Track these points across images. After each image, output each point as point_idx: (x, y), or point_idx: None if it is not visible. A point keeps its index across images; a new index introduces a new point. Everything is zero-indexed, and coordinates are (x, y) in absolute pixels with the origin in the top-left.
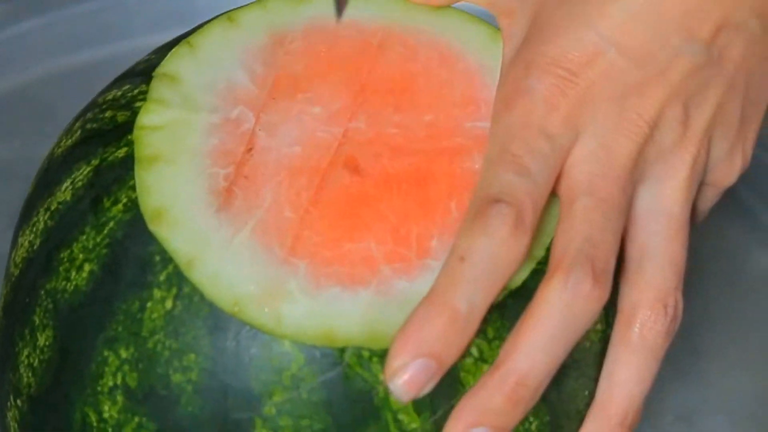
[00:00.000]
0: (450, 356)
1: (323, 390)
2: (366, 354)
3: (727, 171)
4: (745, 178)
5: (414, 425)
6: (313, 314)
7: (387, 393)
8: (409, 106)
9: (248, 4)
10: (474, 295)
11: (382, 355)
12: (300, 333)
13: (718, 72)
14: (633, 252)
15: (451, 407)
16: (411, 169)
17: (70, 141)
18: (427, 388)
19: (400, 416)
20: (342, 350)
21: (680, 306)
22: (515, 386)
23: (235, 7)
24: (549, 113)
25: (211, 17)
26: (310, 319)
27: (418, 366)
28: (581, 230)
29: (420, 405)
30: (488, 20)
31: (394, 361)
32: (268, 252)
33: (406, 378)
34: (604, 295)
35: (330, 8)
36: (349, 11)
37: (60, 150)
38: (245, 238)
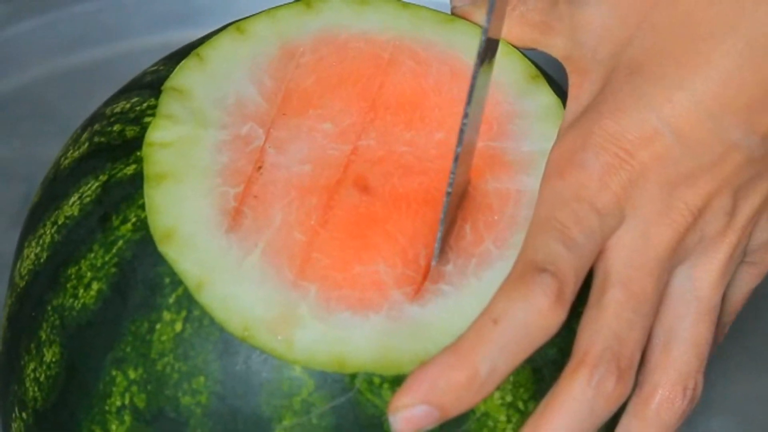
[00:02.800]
0: (456, 411)
1: (333, 415)
2: (377, 380)
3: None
4: None
5: None
6: (324, 339)
7: None
8: (420, 123)
9: (257, 13)
10: (498, 360)
11: (393, 381)
12: (311, 358)
13: None
14: (660, 331)
15: None
16: (421, 188)
17: (77, 153)
18: (423, 430)
19: None
20: (353, 376)
21: (699, 388)
22: None
23: (233, 7)
24: (601, 190)
25: (210, 17)
26: (321, 345)
27: (422, 411)
28: (610, 325)
29: (430, 431)
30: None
31: (403, 398)
32: (278, 275)
33: (407, 416)
34: (626, 392)
35: (340, 18)
36: (358, 22)
37: (67, 161)
38: (255, 261)
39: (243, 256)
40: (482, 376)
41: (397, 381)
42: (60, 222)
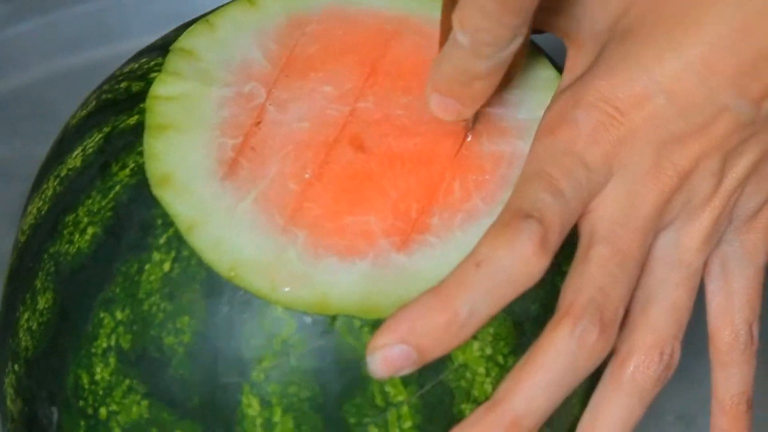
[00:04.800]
0: (435, 353)
1: (313, 357)
2: (357, 323)
3: (753, 232)
4: None
5: (400, 398)
6: (308, 282)
7: None
8: (418, 89)
9: None
10: (479, 303)
11: (374, 325)
12: (294, 300)
13: (762, 130)
14: (640, 295)
15: (439, 382)
16: (416, 149)
17: (84, 111)
18: (401, 373)
19: (387, 388)
20: (334, 318)
21: (676, 355)
22: (511, 425)
23: None
24: (590, 146)
25: None
26: (305, 287)
27: (401, 350)
28: (595, 279)
29: (407, 378)
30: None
31: (381, 338)
32: (268, 221)
33: (385, 357)
34: (608, 346)
35: None
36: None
37: (74, 121)
38: (247, 207)
39: (236, 202)
40: (462, 318)
41: (377, 325)
42: (63, 174)
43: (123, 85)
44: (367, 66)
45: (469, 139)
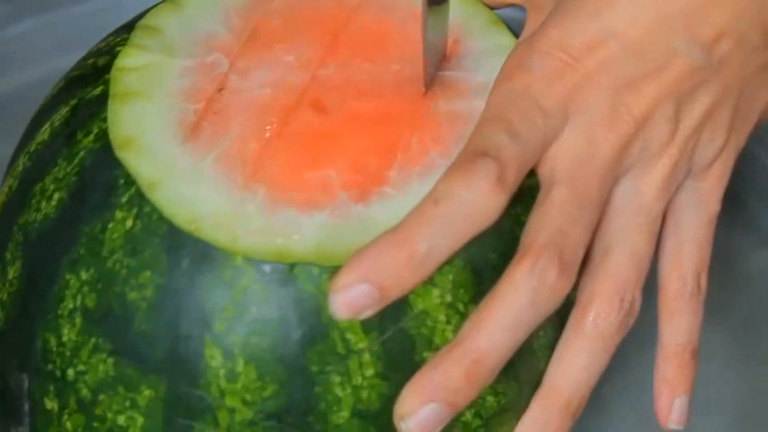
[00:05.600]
0: (396, 291)
1: (273, 306)
2: (316, 270)
3: (708, 181)
4: (743, 177)
5: (361, 345)
6: (267, 232)
7: None
8: (380, 56)
9: None
10: (438, 240)
11: (333, 272)
12: (253, 249)
13: (714, 76)
14: (600, 243)
15: (399, 329)
16: (375, 110)
17: (54, 91)
18: (364, 315)
19: (348, 335)
20: (292, 266)
21: (637, 303)
22: (474, 364)
23: None
24: (545, 90)
25: None
26: (264, 237)
27: (362, 290)
28: (555, 220)
29: (367, 325)
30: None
31: (341, 278)
32: (229, 177)
33: (346, 297)
34: (568, 286)
35: None
36: None
37: (45, 101)
38: (209, 165)
39: (197, 161)
40: (421, 254)
41: (336, 272)
42: (32, 150)
43: (90, 61)
44: (329, 36)
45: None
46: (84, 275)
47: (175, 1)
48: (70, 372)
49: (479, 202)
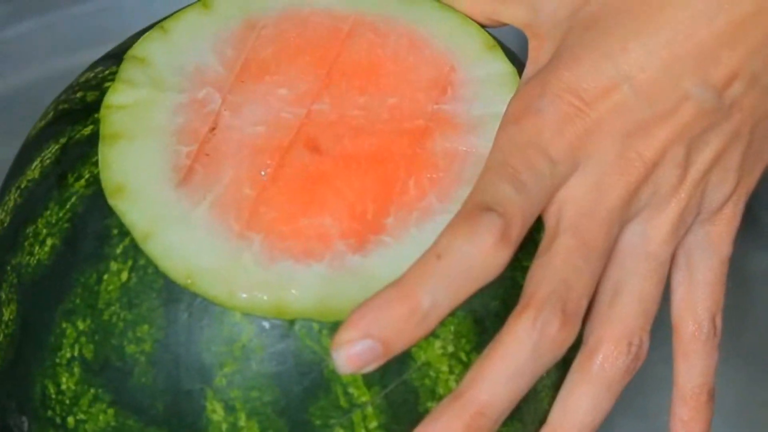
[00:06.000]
0: (399, 346)
1: (273, 362)
2: (316, 326)
3: (719, 223)
4: None
5: (364, 399)
6: (264, 286)
7: None
8: (375, 89)
9: None
10: (440, 294)
11: (333, 327)
12: (251, 305)
13: (725, 119)
14: (607, 287)
15: (402, 381)
16: (371, 149)
17: (42, 122)
18: (368, 369)
19: (350, 389)
20: (292, 322)
21: (645, 347)
22: (475, 415)
23: None
24: (555, 138)
25: None
26: (262, 292)
27: (365, 345)
28: (559, 270)
29: (370, 379)
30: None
31: (344, 334)
32: (223, 226)
33: (350, 353)
34: (570, 338)
35: None
36: (323, 0)
37: (34, 132)
38: (202, 213)
39: (191, 208)
40: (424, 309)
41: (336, 328)
42: (23, 186)
43: (78, 95)
44: (323, 67)
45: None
46: (81, 325)
47: (164, 27)
48: (70, 420)
49: (482, 258)
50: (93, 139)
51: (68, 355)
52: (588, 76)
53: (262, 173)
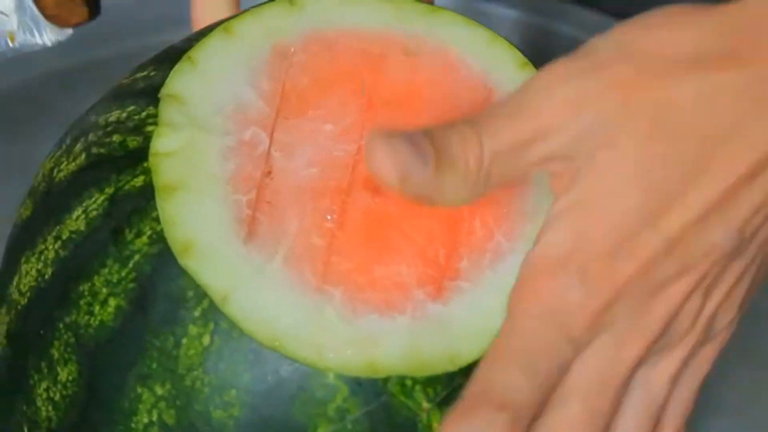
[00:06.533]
0: None
1: (367, 420)
2: (409, 382)
3: (712, 345)
4: None
5: None
6: (353, 344)
7: (430, 420)
8: (418, 119)
9: (241, 13)
10: None
11: (425, 382)
12: (343, 365)
13: (741, 254)
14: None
15: None
16: None
17: (73, 165)
18: None
19: None
20: (385, 380)
21: None
22: None
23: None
24: (579, 316)
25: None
26: (352, 351)
27: None
28: None
29: None
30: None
31: None
32: (301, 281)
33: None
34: None
35: (326, 14)
36: (344, 17)
37: (62, 174)
38: (277, 268)
39: (264, 264)
40: None
41: (428, 382)
42: (64, 237)
43: (116, 138)
44: (362, 97)
45: None
46: (159, 390)
47: (192, 58)
48: None
49: None
50: (146, 191)
51: (145, 419)
52: (626, 242)
53: (328, 218)
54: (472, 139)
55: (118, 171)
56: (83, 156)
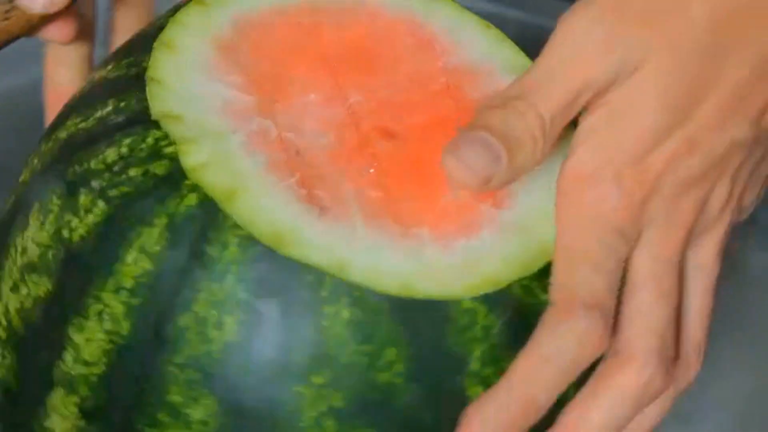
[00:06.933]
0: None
1: (508, 329)
2: (526, 282)
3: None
4: None
5: None
6: (465, 269)
7: None
8: (385, 66)
9: (164, 26)
10: (554, 390)
11: (537, 278)
12: (471, 288)
13: (760, 142)
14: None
15: None
16: (432, 120)
17: (92, 217)
18: None
19: None
20: (507, 289)
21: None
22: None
23: None
24: (623, 212)
25: None
26: (471, 274)
27: None
28: (650, 327)
29: None
30: None
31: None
32: (390, 233)
33: None
34: (669, 385)
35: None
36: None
37: (81, 231)
38: (362, 230)
39: (351, 231)
40: (539, 405)
41: (538, 276)
42: (129, 285)
43: (134, 173)
44: (324, 62)
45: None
46: (319, 380)
47: (154, 79)
48: None
49: (590, 351)
50: (205, 206)
51: (314, 414)
52: (654, 149)
53: (371, 171)
54: (530, 112)
55: (161, 201)
56: (101, 204)
